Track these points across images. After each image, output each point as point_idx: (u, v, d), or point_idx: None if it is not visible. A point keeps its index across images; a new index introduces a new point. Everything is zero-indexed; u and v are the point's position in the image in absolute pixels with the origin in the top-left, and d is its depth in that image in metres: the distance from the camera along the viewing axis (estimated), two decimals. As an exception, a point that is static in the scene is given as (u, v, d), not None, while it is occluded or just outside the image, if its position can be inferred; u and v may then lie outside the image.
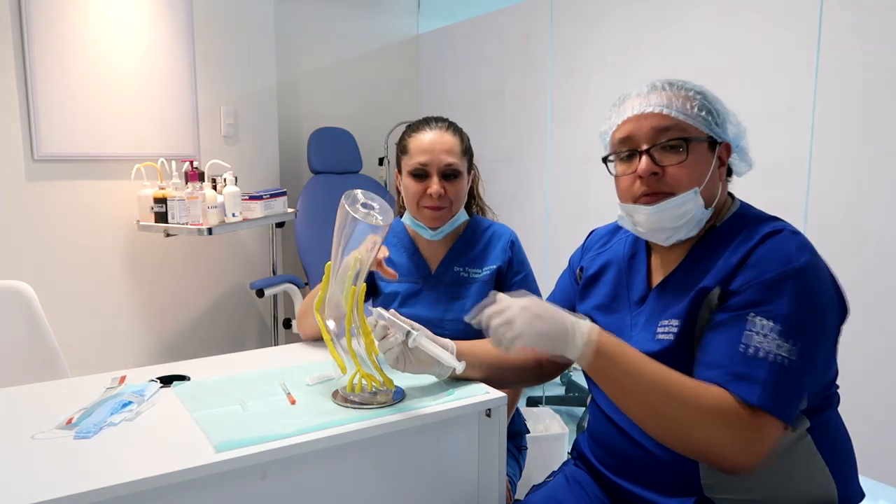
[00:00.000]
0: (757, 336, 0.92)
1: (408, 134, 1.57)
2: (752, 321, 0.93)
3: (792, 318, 0.92)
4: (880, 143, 1.74)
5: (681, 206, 1.04)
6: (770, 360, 0.91)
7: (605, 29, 2.51)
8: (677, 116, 1.05)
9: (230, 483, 0.96)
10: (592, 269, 1.25)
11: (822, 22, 1.85)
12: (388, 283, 1.61)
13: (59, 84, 2.47)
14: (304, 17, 3.29)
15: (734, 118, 1.10)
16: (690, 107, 1.05)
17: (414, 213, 1.55)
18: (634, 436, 1.08)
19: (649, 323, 1.09)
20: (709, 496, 1.02)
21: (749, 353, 0.92)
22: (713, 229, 1.08)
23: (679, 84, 1.08)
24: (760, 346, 0.92)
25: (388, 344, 1.15)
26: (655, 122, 1.05)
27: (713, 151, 1.06)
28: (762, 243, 0.98)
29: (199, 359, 1.40)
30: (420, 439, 1.14)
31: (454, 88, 3.39)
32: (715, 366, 0.95)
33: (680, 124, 1.04)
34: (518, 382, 1.51)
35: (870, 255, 1.82)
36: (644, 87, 1.09)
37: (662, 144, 1.05)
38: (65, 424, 1.03)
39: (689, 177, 1.04)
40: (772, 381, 0.91)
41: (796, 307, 0.93)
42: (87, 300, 2.63)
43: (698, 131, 1.05)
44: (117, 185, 2.65)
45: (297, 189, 3.15)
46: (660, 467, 1.05)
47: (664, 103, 1.05)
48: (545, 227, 2.84)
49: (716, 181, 1.07)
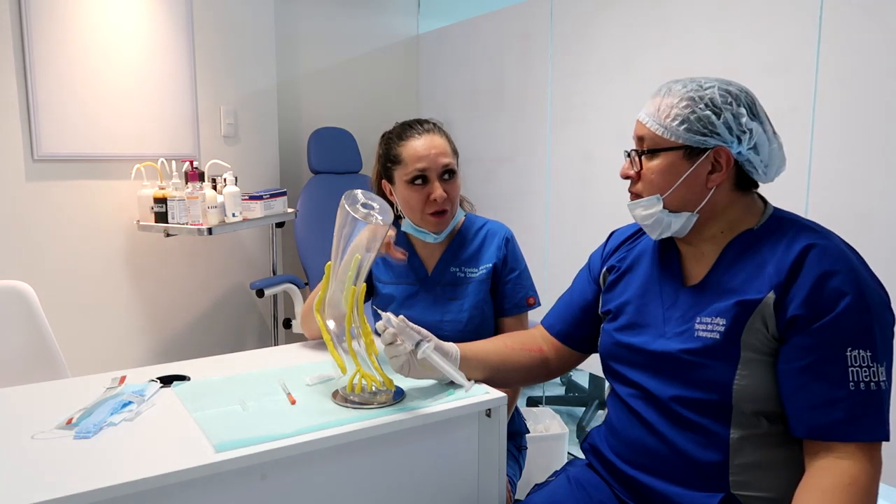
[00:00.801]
0: (860, 370, 0.96)
1: (395, 143, 1.51)
2: (851, 356, 0.96)
3: (878, 338, 0.97)
4: (881, 144, 1.74)
5: (646, 207, 1.12)
6: (881, 390, 0.96)
7: (605, 29, 2.51)
8: (650, 127, 1.10)
9: (230, 483, 0.97)
10: (623, 266, 1.25)
11: (822, 22, 1.85)
12: (385, 285, 1.61)
13: (59, 84, 2.47)
14: (304, 17, 3.29)
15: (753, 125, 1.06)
16: (667, 116, 1.07)
17: (418, 222, 1.53)
18: (660, 429, 1.08)
19: (686, 318, 1.09)
20: (735, 493, 1.02)
21: (861, 388, 0.95)
22: (749, 232, 1.09)
23: (677, 89, 1.08)
24: (869, 381, 0.96)
25: (395, 350, 1.15)
26: (637, 130, 1.13)
27: (694, 159, 1.07)
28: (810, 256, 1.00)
29: (199, 359, 1.40)
30: (420, 439, 1.14)
31: (454, 88, 3.39)
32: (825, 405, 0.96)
33: (652, 136, 1.10)
34: (520, 382, 1.51)
35: (870, 256, 1.82)
36: (662, 88, 1.11)
37: (638, 151, 1.13)
38: (65, 424, 1.04)
39: (654, 183, 1.10)
40: (882, 407, 0.96)
41: (877, 325, 0.97)
42: (87, 300, 2.63)
43: (670, 141, 1.08)
44: (117, 185, 2.65)
45: (297, 189, 3.15)
46: (686, 462, 1.05)
47: (649, 111, 1.11)
48: (545, 226, 2.84)
49: (697, 188, 1.08)
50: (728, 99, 1.06)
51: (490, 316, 1.57)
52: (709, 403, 1.03)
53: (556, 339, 1.34)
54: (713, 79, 1.09)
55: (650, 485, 1.09)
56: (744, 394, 1.01)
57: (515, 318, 1.58)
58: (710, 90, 1.07)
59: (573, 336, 1.32)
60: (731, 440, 1.02)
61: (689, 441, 1.04)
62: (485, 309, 1.55)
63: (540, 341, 1.35)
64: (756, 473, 1.02)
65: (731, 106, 1.06)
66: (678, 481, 1.06)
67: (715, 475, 1.03)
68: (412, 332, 1.14)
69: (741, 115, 1.06)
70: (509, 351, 1.31)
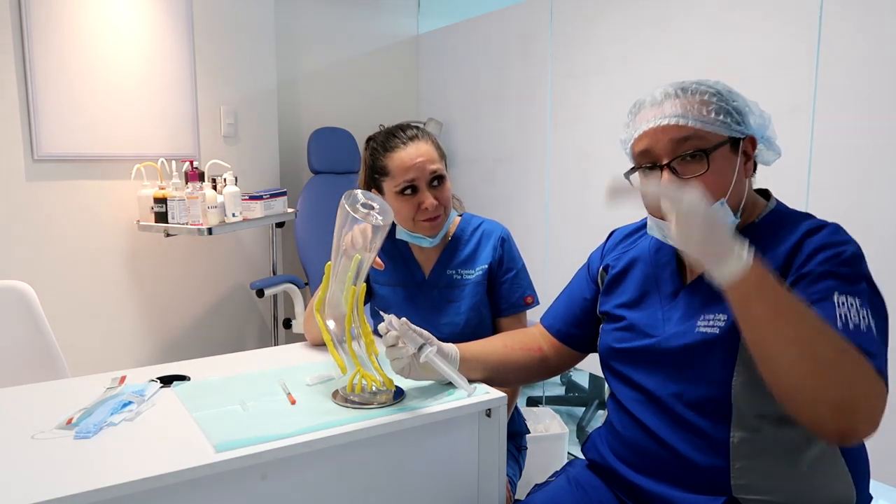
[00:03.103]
0: (849, 311, 0.91)
1: (381, 154, 1.49)
2: (838, 300, 0.92)
3: (868, 295, 0.94)
4: (881, 144, 1.74)
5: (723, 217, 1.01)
6: (875, 333, 0.91)
7: (605, 29, 2.50)
8: (694, 125, 1.02)
9: (230, 483, 0.96)
10: (619, 266, 1.23)
11: (822, 22, 1.84)
12: (382, 286, 1.61)
13: (59, 84, 2.47)
14: (304, 17, 3.29)
15: (756, 108, 1.08)
16: (707, 112, 1.02)
17: (410, 228, 1.52)
18: (660, 431, 1.07)
19: (687, 318, 1.08)
20: (737, 496, 1.01)
21: (851, 327, 0.89)
22: (751, 225, 1.08)
23: (693, 88, 1.05)
24: (860, 321, 0.90)
25: (397, 353, 1.14)
26: (674, 134, 1.02)
27: (737, 151, 1.05)
28: (815, 233, 0.99)
29: (199, 359, 1.40)
30: (420, 439, 1.14)
31: (454, 88, 3.38)
32: None
33: (698, 133, 1.02)
34: (520, 382, 1.51)
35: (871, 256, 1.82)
36: (658, 94, 1.06)
37: (682, 156, 1.02)
38: (65, 424, 1.04)
39: (713, 187, 1.01)
40: (880, 350, 0.90)
41: (868, 284, 0.95)
42: (87, 300, 2.63)
43: (718, 136, 1.02)
44: (117, 185, 2.65)
45: (297, 189, 3.15)
46: (687, 465, 1.04)
47: (679, 112, 1.02)
48: (545, 226, 2.84)
49: (742, 180, 1.07)
50: (731, 90, 1.07)
51: (487, 317, 1.57)
52: (709, 402, 1.03)
53: (555, 339, 1.33)
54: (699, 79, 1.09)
55: (651, 488, 1.08)
56: (743, 391, 1.01)
57: (513, 317, 1.57)
58: (717, 85, 1.07)
59: (573, 335, 1.32)
60: (731, 443, 1.02)
61: (690, 443, 1.04)
62: (482, 310, 1.55)
63: (539, 340, 1.34)
64: (758, 477, 1.01)
65: (738, 96, 1.07)
66: (680, 484, 1.05)
67: (716, 478, 1.02)
68: (415, 335, 1.14)
69: (753, 104, 1.07)
70: (508, 350, 1.31)
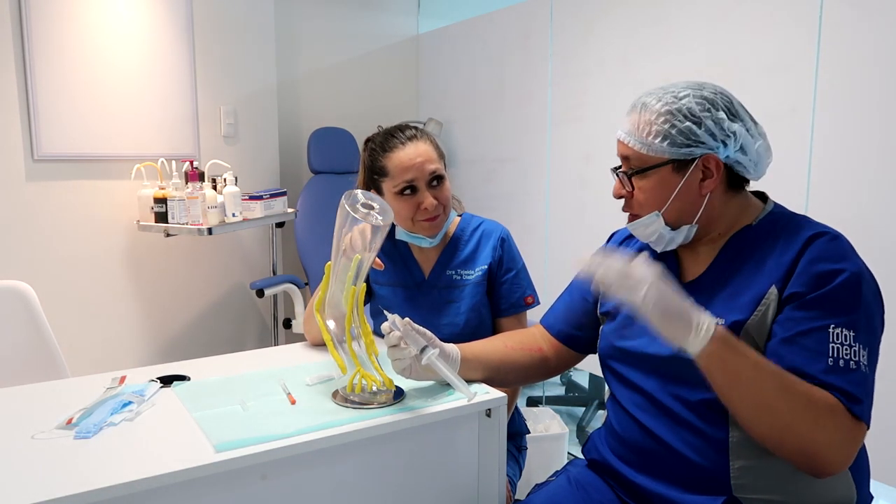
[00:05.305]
0: (842, 347, 0.95)
1: (380, 154, 1.48)
2: (833, 333, 0.95)
3: (863, 325, 0.96)
4: (881, 144, 1.74)
5: (647, 226, 1.11)
6: (862, 371, 0.94)
7: (605, 29, 2.50)
8: (633, 146, 1.08)
9: (230, 483, 0.97)
10: None
11: (822, 22, 1.84)
12: (382, 286, 1.61)
13: (59, 84, 2.47)
14: (304, 17, 3.29)
15: (735, 127, 1.05)
16: (648, 134, 1.06)
17: (409, 228, 1.52)
18: (659, 431, 1.08)
19: None
20: (737, 496, 1.01)
21: (840, 364, 0.94)
22: (747, 228, 1.09)
23: (651, 103, 1.07)
24: (850, 359, 0.94)
25: (399, 353, 1.14)
26: (620, 150, 1.12)
27: (683, 170, 1.06)
28: (812, 245, 1.00)
29: (199, 359, 1.40)
30: (420, 439, 1.14)
31: (454, 88, 3.38)
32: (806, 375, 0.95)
33: (637, 154, 1.08)
34: (520, 382, 1.51)
35: (871, 257, 1.81)
36: (637, 102, 1.10)
37: (626, 172, 1.11)
38: (65, 424, 1.04)
39: (648, 202, 1.09)
40: (865, 391, 0.94)
41: (864, 313, 0.97)
42: (87, 300, 2.63)
43: (657, 158, 1.06)
44: (117, 185, 2.65)
45: (297, 189, 3.15)
46: (686, 465, 1.04)
47: (627, 129, 1.09)
48: (545, 227, 2.84)
49: (692, 197, 1.07)
50: (705, 105, 1.05)
51: (487, 317, 1.57)
52: (707, 403, 1.03)
53: (555, 339, 1.33)
54: (684, 85, 1.08)
55: (652, 488, 1.08)
56: None
57: (513, 317, 1.57)
58: (686, 99, 1.05)
59: (573, 336, 1.32)
60: (730, 443, 1.02)
61: (690, 443, 1.04)
62: (482, 311, 1.55)
63: (539, 341, 1.35)
64: (758, 476, 1.01)
65: (709, 112, 1.05)
66: (680, 484, 1.05)
67: (716, 478, 1.03)
68: (417, 336, 1.14)
69: (722, 120, 1.05)
70: (509, 351, 1.31)
